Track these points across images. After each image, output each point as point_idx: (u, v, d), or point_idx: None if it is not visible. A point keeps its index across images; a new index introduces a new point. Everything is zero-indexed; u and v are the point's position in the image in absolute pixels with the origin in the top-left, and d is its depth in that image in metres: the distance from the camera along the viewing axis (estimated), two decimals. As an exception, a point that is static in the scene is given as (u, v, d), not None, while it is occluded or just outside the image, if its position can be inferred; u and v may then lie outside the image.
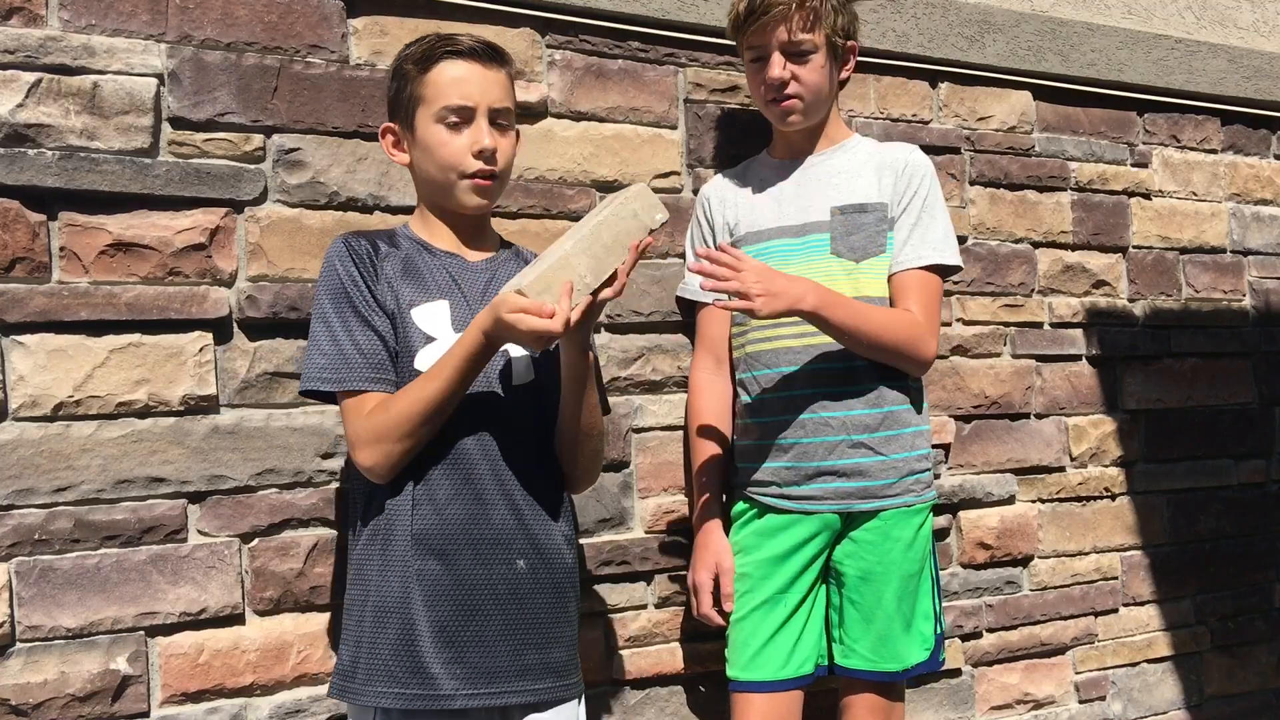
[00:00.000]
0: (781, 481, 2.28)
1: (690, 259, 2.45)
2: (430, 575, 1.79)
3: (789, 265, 2.27)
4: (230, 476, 2.09)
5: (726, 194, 2.42)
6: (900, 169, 2.34)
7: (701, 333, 2.44)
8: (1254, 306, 3.39)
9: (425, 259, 1.90)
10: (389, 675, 1.77)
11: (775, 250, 2.32)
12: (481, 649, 1.79)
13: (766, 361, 2.30)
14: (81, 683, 1.97)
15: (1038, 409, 3.00)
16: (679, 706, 2.51)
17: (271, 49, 2.17)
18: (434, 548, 1.79)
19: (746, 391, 2.34)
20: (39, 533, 1.96)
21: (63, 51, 2.00)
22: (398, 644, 1.77)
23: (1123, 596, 3.11)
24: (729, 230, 2.39)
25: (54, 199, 2.00)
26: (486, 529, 1.81)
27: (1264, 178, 3.43)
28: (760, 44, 2.26)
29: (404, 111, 1.91)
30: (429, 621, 1.77)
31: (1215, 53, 3.31)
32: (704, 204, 2.44)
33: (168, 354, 2.06)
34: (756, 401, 2.32)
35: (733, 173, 2.48)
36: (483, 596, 1.80)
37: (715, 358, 2.41)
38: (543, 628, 1.85)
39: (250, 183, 2.14)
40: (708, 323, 2.43)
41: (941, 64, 2.89)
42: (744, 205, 2.39)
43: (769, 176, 2.41)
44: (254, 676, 2.10)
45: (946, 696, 2.82)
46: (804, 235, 2.32)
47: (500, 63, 1.91)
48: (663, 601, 2.49)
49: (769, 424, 2.30)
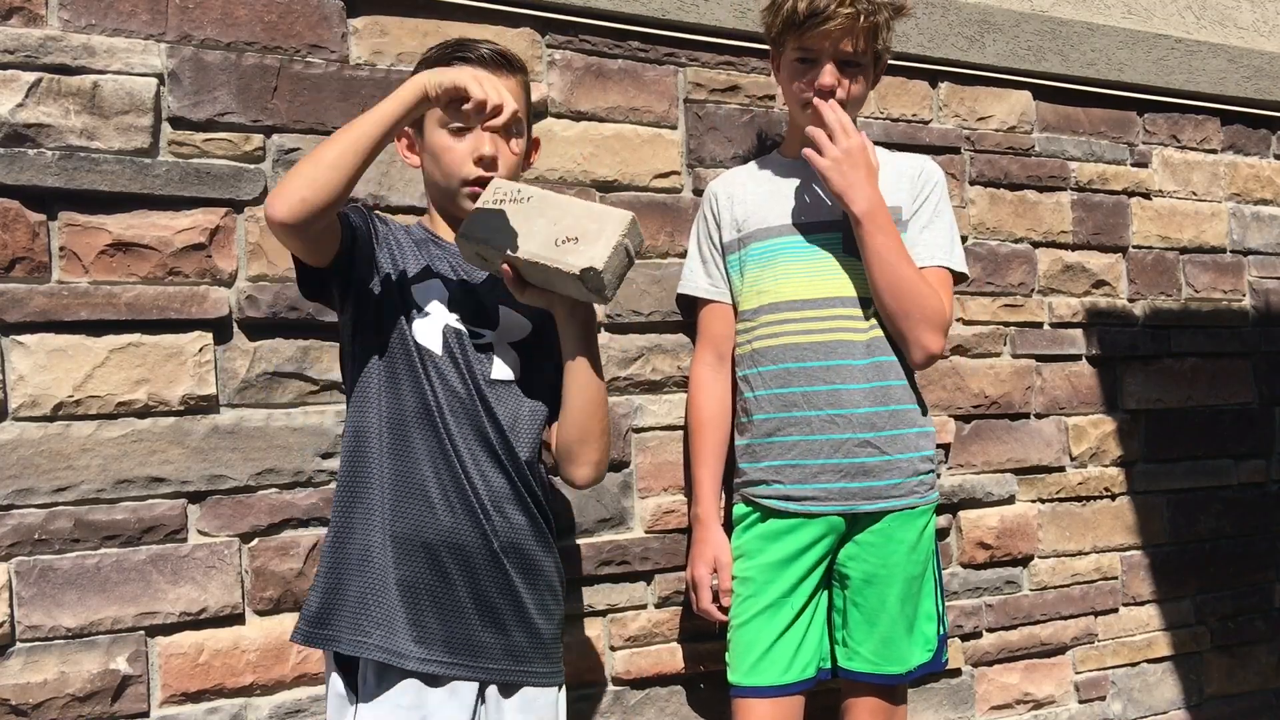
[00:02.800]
0: (785, 481, 2.25)
1: (694, 256, 2.44)
2: (404, 528, 1.80)
3: (798, 262, 2.27)
4: (230, 476, 2.10)
5: (735, 190, 2.39)
6: (915, 174, 2.33)
7: (704, 329, 2.42)
8: (1254, 306, 3.39)
9: (431, 249, 1.93)
10: (354, 624, 1.78)
11: (784, 247, 2.30)
12: (439, 614, 1.80)
13: (773, 357, 2.28)
14: (81, 683, 1.97)
15: (1038, 409, 2.99)
16: (679, 706, 2.51)
17: (271, 49, 2.17)
18: (409, 498, 1.80)
19: (750, 388, 2.32)
20: (39, 533, 1.96)
21: (63, 51, 2.00)
22: (365, 593, 1.79)
23: (1123, 596, 3.11)
24: (736, 227, 2.36)
25: (54, 199, 2.00)
26: (468, 511, 1.82)
27: (1264, 178, 3.43)
28: (813, 48, 2.20)
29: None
30: (396, 581, 1.78)
31: (1215, 52, 3.31)
32: (711, 200, 2.41)
33: (168, 354, 2.06)
34: (761, 398, 2.29)
35: (742, 170, 2.45)
36: (453, 568, 1.81)
37: (717, 354, 2.39)
38: (503, 609, 1.85)
39: (250, 183, 2.14)
40: (710, 319, 2.41)
41: (941, 64, 2.89)
42: (752, 202, 2.36)
43: (781, 174, 2.38)
44: (254, 676, 2.10)
45: (946, 696, 2.82)
46: (815, 233, 2.29)
47: (511, 70, 1.92)
48: (663, 601, 2.49)
49: (773, 421, 2.28)
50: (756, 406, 2.30)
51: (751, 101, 2.65)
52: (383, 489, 1.81)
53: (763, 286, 2.30)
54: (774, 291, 2.29)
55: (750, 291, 2.33)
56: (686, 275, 2.46)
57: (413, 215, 2.25)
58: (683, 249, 2.54)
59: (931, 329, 2.21)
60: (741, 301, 2.35)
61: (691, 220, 2.54)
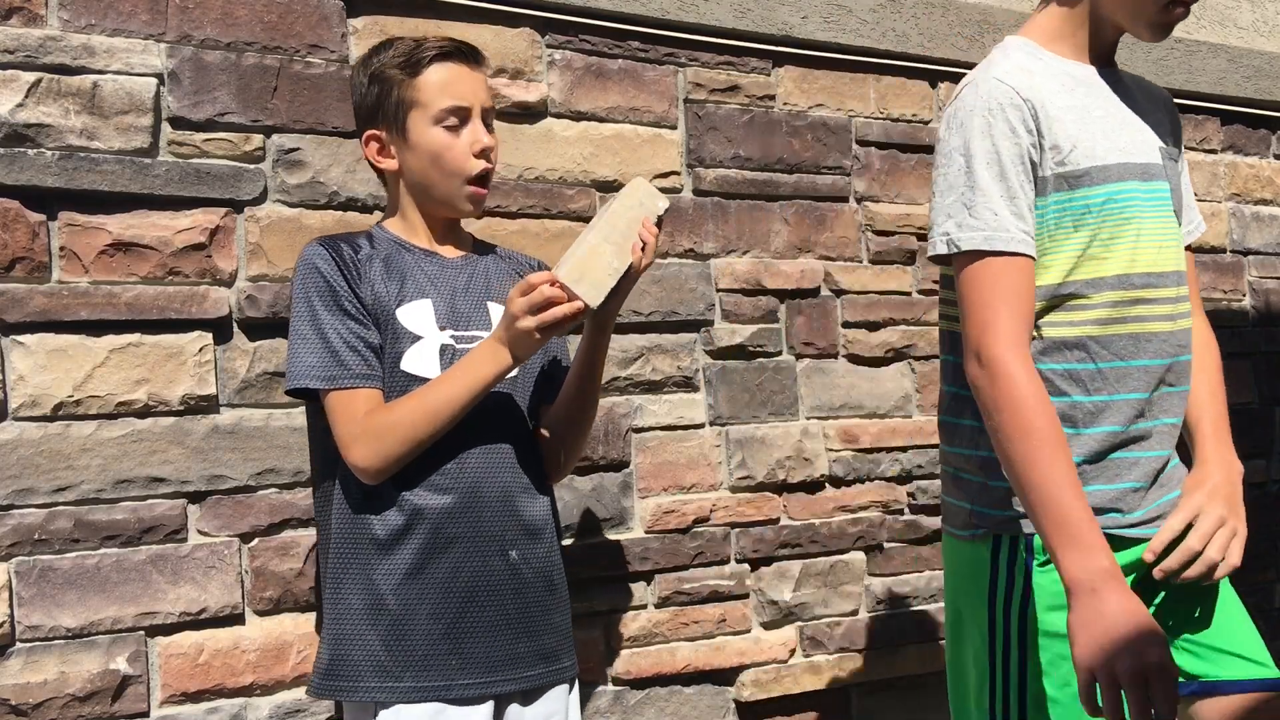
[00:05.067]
0: (1126, 508, 1.69)
1: (987, 185, 1.61)
2: (425, 569, 1.79)
3: (1151, 220, 1.68)
4: (230, 476, 2.10)
5: (1047, 99, 1.65)
6: (1174, 110, 1.84)
7: (1010, 293, 1.61)
8: (1254, 306, 3.38)
9: (404, 257, 1.88)
10: (381, 669, 1.77)
11: (1130, 198, 1.67)
12: (475, 639, 1.79)
13: (1120, 350, 1.67)
14: (81, 683, 1.97)
15: (1038, 409, 2.99)
16: (679, 706, 2.51)
17: (271, 49, 2.17)
18: (427, 542, 1.79)
19: (1082, 388, 1.67)
20: (39, 533, 1.96)
21: (63, 51, 2.00)
22: (389, 637, 1.78)
23: (1123, 596, 3.11)
24: (1059, 157, 1.64)
25: (54, 199, 2.00)
26: (480, 522, 1.82)
27: (1264, 178, 3.43)
28: None
29: (392, 117, 1.89)
30: (425, 615, 1.78)
31: (1215, 52, 3.31)
32: (1021, 109, 1.63)
33: (168, 354, 2.06)
34: (1097, 405, 1.67)
35: (1026, 63, 1.69)
36: (478, 588, 1.80)
37: (1027, 331, 1.63)
38: (534, 616, 1.85)
39: (250, 183, 2.14)
40: (1020, 280, 1.61)
41: (941, 64, 2.89)
42: (1072, 122, 1.65)
43: (1082, 85, 1.71)
44: (254, 676, 2.10)
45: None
46: (1151, 180, 1.69)
47: (482, 63, 1.91)
48: (663, 601, 2.49)
49: (1114, 435, 1.68)
50: (1089, 416, 1.67)
51: (751, 101, 2.65)
52: (397, 528, 1.79)
53: (1114, 250, 1.65)
54: (1129, 259, 1.66)
55: (1085, 255, 1.65)
56: (970, 215, 1.62)
57: (413, 215, 2.25)
58: (683, 249, 2.54)
59: None
60: (1059, 265, 1.65)
61: (691, 220, 2.54)
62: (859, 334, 2.75)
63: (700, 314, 2.57)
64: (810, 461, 2.67)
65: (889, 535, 2.76)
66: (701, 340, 2.57)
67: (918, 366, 2.83)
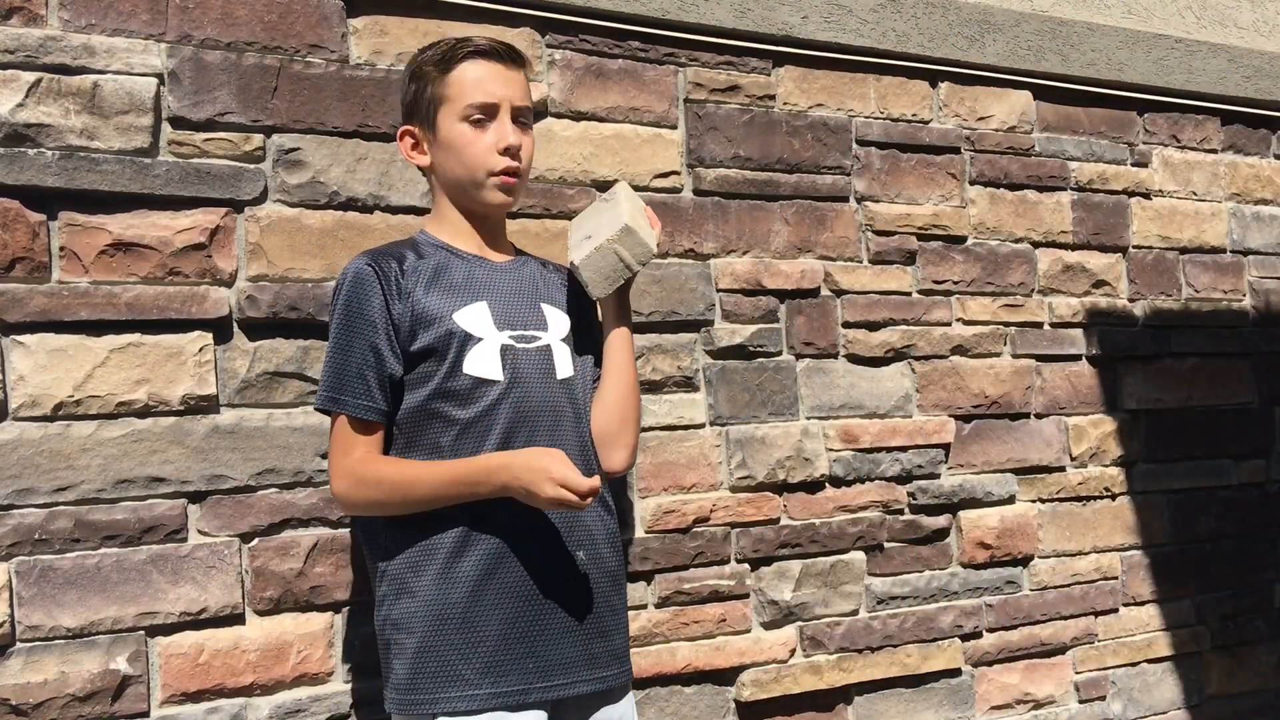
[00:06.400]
0: None
1: None
2: (495, 576, 1.79)
3: None
4: (230, 476, 2.10)
5: None
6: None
7: None
8: (1254, 306, 3.39)
9: (455, 264, 1.90)
10: (459, 679, 1.76)
11: None
12: (549, 641, 1.80)
13: None
14: (81, 683, 1.97)
15: (1038, 409, 2.99)
16: (679, 706, 2.51)
17: (271, 49, 2.17)
18: (495, 549, 1.79)
19: None
20: (39, 533, 1.96)
21: (63, 51, 2.00)
22: (464, 647, 1.77)
23: (1123, 596, 3.11)
24: None
25: (54, 199, 2.00)
26: (546, 523, 1.82)
27: (1264, 177, 3.43)
28: None
29: (424, 113, 1.91)
30: (499, 620, 1.77)
31: (1215, 52, 3.31)
32: None
33: (168, 354, 2.06)
34: None
35: None
36: (549, 590, 1.81)
37: None
38: (604, 615, 1.86)
39: (250, 182, 2.14)
40: None
41: (941, 64, 2.89)
42: None
43: None
44: (254, 676, 2.10)
45: (946, 696, 2.82)
46: None
47: (519, 63, 1.93)
48: (663, 601, 2.49)
49: None
50: None
51: (751, 101, 2.65)
52: (463, 538, 1.80)
53: None
54: None
55: None
56: None
57: (413, 215, 2.25)
58: (683, 249, 2.54)
59: None
60: None
61: (691, 220, 2.53)
62: (859, 334, 2.75)
63: (700, 314, 2.57)
64: (810, 461, 2.67)
65: (889, 535, 2.76)
66: (701, 340, 2.58)
67: (918, 366, 2.83)
